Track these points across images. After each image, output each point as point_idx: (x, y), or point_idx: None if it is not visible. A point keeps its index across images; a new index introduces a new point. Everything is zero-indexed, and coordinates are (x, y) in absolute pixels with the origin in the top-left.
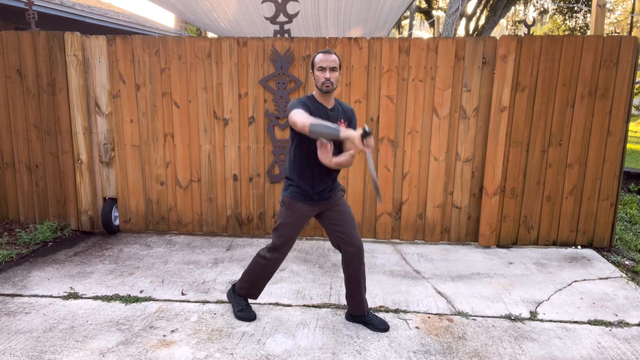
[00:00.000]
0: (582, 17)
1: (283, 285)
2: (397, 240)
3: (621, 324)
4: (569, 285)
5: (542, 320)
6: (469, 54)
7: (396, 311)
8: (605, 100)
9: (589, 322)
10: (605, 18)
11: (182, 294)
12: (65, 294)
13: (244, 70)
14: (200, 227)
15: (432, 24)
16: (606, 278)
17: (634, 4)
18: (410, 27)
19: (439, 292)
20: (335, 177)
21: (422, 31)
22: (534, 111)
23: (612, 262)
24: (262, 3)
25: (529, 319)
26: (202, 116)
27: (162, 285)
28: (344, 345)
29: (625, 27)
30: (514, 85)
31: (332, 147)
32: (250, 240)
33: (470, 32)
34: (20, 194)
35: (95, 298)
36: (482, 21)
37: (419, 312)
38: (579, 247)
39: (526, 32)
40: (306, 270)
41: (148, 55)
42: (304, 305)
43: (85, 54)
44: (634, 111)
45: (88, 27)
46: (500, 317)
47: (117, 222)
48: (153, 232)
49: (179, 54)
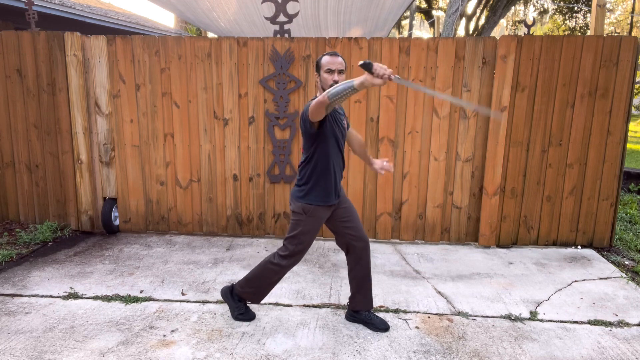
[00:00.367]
0: (582, 17)
1: (283, 285)
2: (397, 240)
3: (621, 324)
4: (569, 285)
5: (542, 320)
6: (469, 54)
7: (396, 311)
8: (605, 100)
9: (589, 322)
10: (605, 18)
11: (182, 294)
12: (65, 294)
13: (244, 70)
14: (200, 227)
15: (432, 24)
16: (606, 278)
17: (634, 4)
18: (410, 27)
19: (439, 292)
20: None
21: (422, 31)
22: (534, 111)
23: (612, 262)
24: (262, 3)
25: (529, 319)
26: (202, 116)
27: (162, 285)
28: (344, 345)
29: (625, 27)
30: (514, 85)
31: (342, 141)
32: (250, 240)
33: (470, 32)
34: (20, 194)
35: (95, 298)
36: (482, 21)
37: (419, 312)
38: (579, 247)
39: (526, 32)
40: (306, 270)
41: (148, 55)
42: (304, 305)
43: (85, 54)
44: (634, 111)
45: (88, 27)
46: (500, 317)
47: (117, 222)
48: (153, 232)
49: (179, 54)
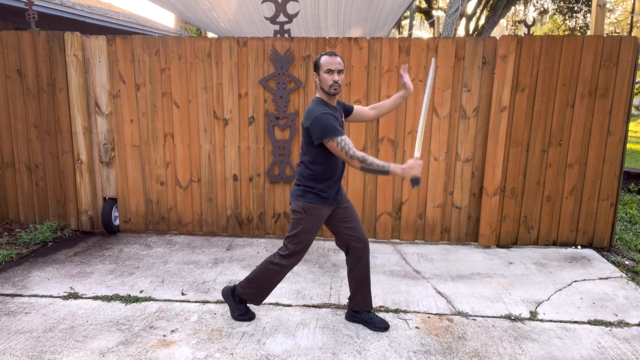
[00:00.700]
0: (582, 17)
1: (283, 285)
2: (397, 240)
3: (621, 324)
4: (569, 285)
5: (542, 320)
6: (469, 54)
7: (396, 311)
8: (605, 100)
9: (589, 322)
10: (605, 18)
11: (182, 294)
12: (65, 294)
13: (244, 70)
14: (200, 227)
15: (432, 24)
16: (606, 278)
17: (634, 4)
18: (410, 27)
19: (439, 292)
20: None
21: (422, 31)
22: (534, 111)
23: (612, 262)
24: (262, 3)
25: (529, 319)
26: (202, 116)
27: (162, 285)
28: (344, 345)
29: (625, 27)
30: (514, 85)
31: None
32: (250, 240)
33: (470, 32)
34: (20, 194)
35: (95, 298)
36: (482, 21)
37: (419, 312)
38: (579, 247)
39: (526, 32)
40: (306, 270)
41: (148, 55)
42: (304, 305)
43: (85, 54)
44: (634, 111)
45: (88, 27)
46: (500, 317)
47: (117, 222)
48: (153, 232)
49: (179, 54)
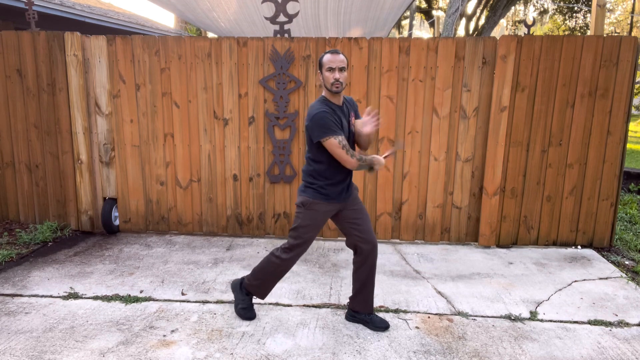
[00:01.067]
0: (582, 17)
1: (283, 285)
2: (397, 240)
3: (621, 324)
4: (569, 285)
5: (542, 320)
6: (469, 54)
7: (396, 311)
8: (605, 100)
9: (589, 322)
10: (605, 18)
11: (182, 294)
12: (65, 294)
13: (244, 70)
14: (200, 227)
15: (432, 24)
16: (606, 278)
17: (634, 4)
18: (410, 27)
19: (439, 292)
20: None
21: (422, 31)
22: (534, 111)
23: (612, 262)
24: (262, 3)
25: (529, 319)
26: (202, 116)
27: (162, 285)
28: (344, 345)
29: (625, 27)
30: (514, 85)
31: (350, 143)
32: (250, 240)
33: (470, 32)
34: (20, 194)
35: (95, 298)
36: (482, 21)
37: (419, 312)
38: (579, 247)
39: (526, 32)
40: (306, 270)
41: (148, 55)
42: (304, 305)
43: (85, 54)
44: (634, 111)
45: (88, 27)
46: (500, 317)
47: (117, 222)
48: (153, 232)
49: (179, 54)
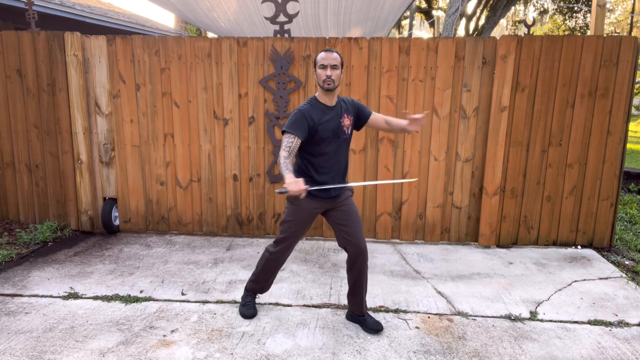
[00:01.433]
0: (582, 17)
1: (283, 285)
2: (397, 240)
3: (621, 324)
4: (569, 285)
5: (542, 320)
6: (469, 54)
7: (396, 311)
8: (605, 100)
9: (589, 322)
10: (605, 18)
11: (182, 294)
12: (65, 294)
13: (244, 70)
14: (200, 227)
15: (432, 24)
16: (606, 278)
17: (634, 4)
18: (410, 27)
19: (439, 292)
20: (345, 175)
21: (422, 31)
22: (534, 111)
23: (612, 262)
24: (262, 3)
25: (529, 319)
26: (202, 116)
27: (162, 285)
28: (344, 345)
29: (625, 27)
30: (514, 85)
31: (340, 143)
32: (250, 240)
33: (470, 32)
34: (20, 194)
35: (95, 298)
36: (482, 21)
37: (419, 312)
38: (579, 247)
39: (526, 32)
40: (306, 270)
41: (148, 55)
42: (304, 305)
43: (85, 54)
44: (634, 111)
45: (88, 27)
46: (500, 317)
47: (117, 222)
48: (153, 232)
49: (179, 54)
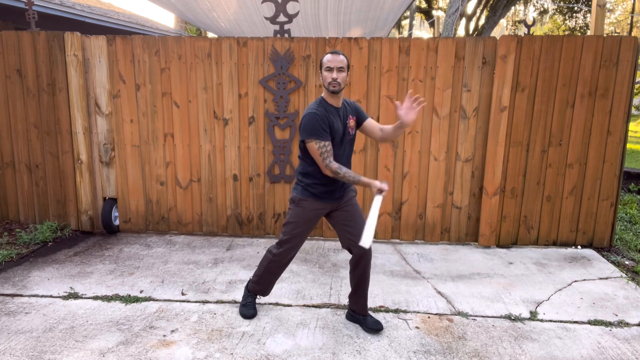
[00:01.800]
0: (582, 17)
1: (283, 285)
2: (397, 240)
3: (621, 324)
4: (569, 285)
5: (542, 320)
6: (469, 54)
7: (396, 311)
8: (605, 100)
9: (589, 322)
10: (605, 18)
11: (182, 294)
12: (65, 294)
13: (244, 70)
14: (200, 227)
15: (432, 24)
16: (606, 278)
17: (634, 4)
18: (410, 27)
19: (439, 292)
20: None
21: (422, 31)
22: (534, 111)
23: (612, 262)
24: (262, 3)
25: (529, 319)
26: (202, 116)
27: (162, 285)
28: (344, 345)
29: (625, 27)
30: (514, 85)
31: (345, 145)
32: (250, 240)
33: (470, 32)
34: (20, 194)
35: (95, 298)
36: (482, 21)
37: (419, 312)
38: (579, 247)
39: (526, 32)
40: (306, 270)
41: (148, 55)
42: (304, 305)
43: (85, 54)
44: (634, 111)
45: (88, 27)
46: (500, 317)
47: (117, 222)
48: (153, 232)
49: (179, 54)
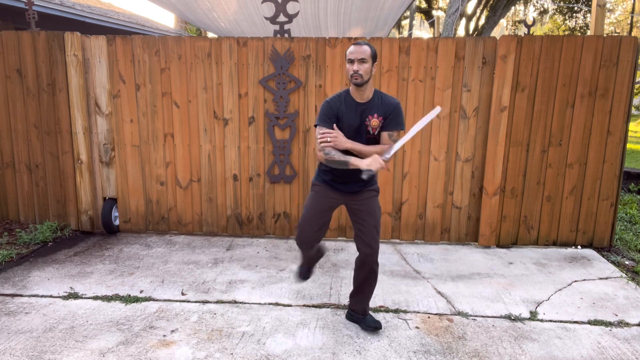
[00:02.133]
0: (582, 17)
1: (283, 285)
2: (397, 240)
3: (621, 324)
4: (569, 285)
5: (542, 320)
6: (469, 54)
7: (396, 311)
8: (605, 100)
9: (589, 322)
10: (605, 18)
11: (182, 294)
12: (65, 294)
13: (244, 70)
14: (200, 227)
15: (432, 24)
16: (606, 278)
17: (634, 4)
18: (410, 27)
19: (439, 292)
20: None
21: (422, 31)
22: (534, 111)
23: (612, 262)
24: (262, 3)
25: (529, 319)
26: (202, 116)
27: (162, 285)
28: (344, 345)
29: (625, 27)
30: (514, 85)
31: (360, 138)
32: (250, 240)
33: (470, 32)
34: (20, 194)
35: (95, 298)
36: (482, 21)
37: (419, 312)
38: (579, 247)
39: (526, 32)
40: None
41: (148, 55)
42: (304, 305)
43: (85, 54)
44: (634, 111)
45: (88, 27)
46: (500, 317)
47: (117, 222)
48: (153, 232)
49: (179, 54)
